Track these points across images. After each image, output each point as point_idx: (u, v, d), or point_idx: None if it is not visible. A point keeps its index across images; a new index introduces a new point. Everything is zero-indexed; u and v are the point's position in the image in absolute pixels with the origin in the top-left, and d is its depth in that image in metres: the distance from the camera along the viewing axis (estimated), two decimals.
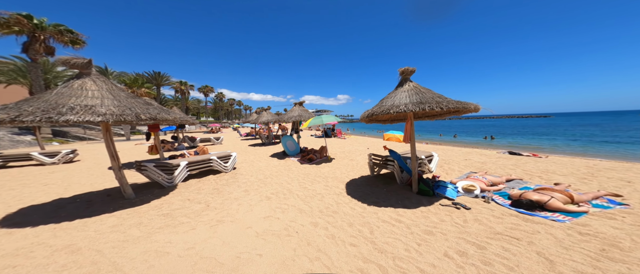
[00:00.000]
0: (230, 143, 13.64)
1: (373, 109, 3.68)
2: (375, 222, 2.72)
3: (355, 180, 4.77)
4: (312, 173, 5.50)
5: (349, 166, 6.07)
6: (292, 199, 3.65)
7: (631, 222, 2.33)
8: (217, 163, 5.45)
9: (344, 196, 3.74)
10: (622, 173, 4.33)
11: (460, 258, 1.94)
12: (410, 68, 3.62)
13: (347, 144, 11.74)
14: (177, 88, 35.66)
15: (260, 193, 4.01)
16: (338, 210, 3.13)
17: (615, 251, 1.82)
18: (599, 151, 11.76)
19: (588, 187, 3.59)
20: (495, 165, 5.62)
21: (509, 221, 2.51)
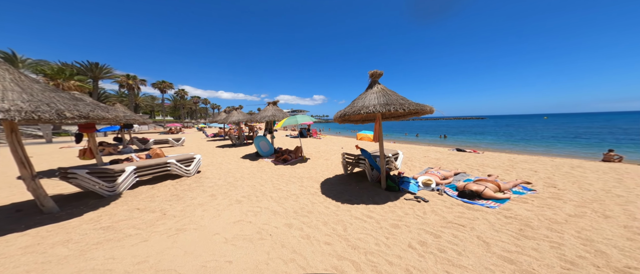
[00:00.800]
0: (194, 144, 12.36)
1: (345, 110, 3.82)
2: (349, 219, 2.81)
3: (330, 179, 4.86)
4: (287, 173, 5.42)
5: (324, 166, 6.16)
6: (265, 201, 3.53)
7: (538, 205, 2.97)
8: (176, 167, 4.89)
9: (319, 195, 3.77)
10: (531, 165, 5.46)
11: (421, 248, 2.16)
12: (378, 71, 3.84)
13: (322, 144, 11.87)
14: (122, 82, 30.23)
15: (229, 196, 3.76)
16: (313, 210, 3.15)
17: (529, 229, 2.31)
18: (516, 147, 14.56)
19: (510, 177, 4.42)
20: (447, 160, 6.46)
21: (457, 211, 2.91)
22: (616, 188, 3.51)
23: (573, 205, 2.91)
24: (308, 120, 7.47)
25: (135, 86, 31.77)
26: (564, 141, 16.97)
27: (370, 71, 3.91)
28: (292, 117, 7.34)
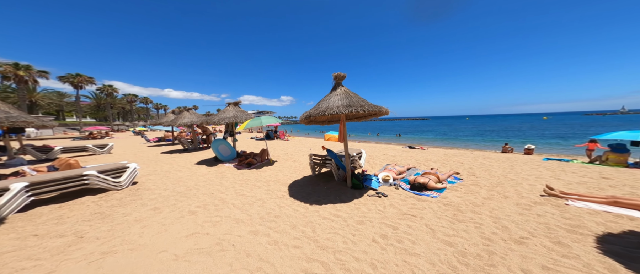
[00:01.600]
0: (128, 151, 10.20)
1: (311, 111, 3.83)
2: (317, 220, 2.82)
3: (298, 181, 4.81)
4: (252, 178, 5.10)
5: (292, 168, 6.05)
6: (226, 209, 3.23)
7: (464, 191, 3.65)
8: (98, 180, 3.98)
9: (286, 198, 3.69)
10: (459, 157, 6.69)
11: (383, 241, 2.33)
12: (342, 73, 3.97)
13: (290, 146, 11.63)
14: (6, 73, 21.93)
15: (179, 208, 3.31)
16: (280, 214, 3.05)
17: (460, 214, 2.82)
18: (449, 143, 17.59)
19: (445, 169, 5.29)
20: (402, 157, 7.28)
21: (409, 202, 3.30)
22: (510, 173, 4.64)
23: (486, 189, 3.70)
24: (274, 122, 7.18)
25: (30, 79, 23.50)
26: (478, 138, 21.50)
27: (334, 73, 4.03)
28: (257, 118, 6.91)
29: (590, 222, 2.37)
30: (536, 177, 4.29)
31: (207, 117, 9.78)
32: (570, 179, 4.13)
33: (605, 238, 2.04)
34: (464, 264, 1.80)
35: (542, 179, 4.15)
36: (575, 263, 1.67)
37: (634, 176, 4.15)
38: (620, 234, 2.09)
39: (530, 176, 4.36)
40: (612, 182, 3.86)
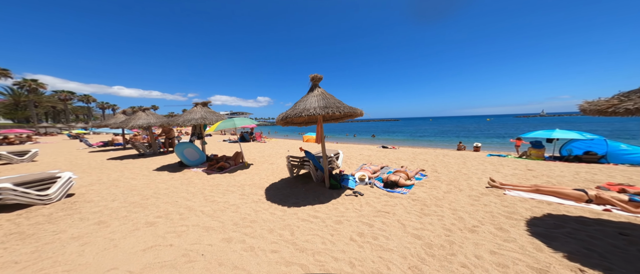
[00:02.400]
0: (62, 158, 8.57)
1: (287, 112, 3.78)
2: (296, 223, 2.78)
3: (276, 183, 4.66)
4: (224, 183, 4.76)
5: (269, 171, 5.84)
6: (193, 218, 2.96)
7: (429, 187, 4.03)
8: (15, 194, 3.27)
9: (263, 202, 3.54)
10: (424, 155, 7.38)
11: (360, 239, 2.40)
12: (319, 75, 3.99)
13: (267, 148, 11.23)
14: None
15: (132, 220, 2.92)
16: (257, 219, 2.92)
17: (426, 208, 3.10)
18: (416, 142, 19.27)
19: (413, 166, 5.78)
20: (376, 156, 7.67)
21: (383, 200, 3.49)
22: (463, 168, 5.31)
23: (446, 184, 4.15)
24: (250, 123, 6.81)
25: None
26: (439, 137, 24.07)
27: (311, 75, 4.03)
28: (229, 120, 6.46)
29: (521, 208, 2.86)
30: (482, 171, 5.01)
31: (170, 118, 8.72)
32: (506, 172, 4.93)
33: (532, 221, 2.49)
34: (430, 255, 1.98)
35: (486, 173, 4.86)
36: (513, 246, 2.01)
37: (549, 168, 5.17)
38: (541, 217, 2.58)
39: (478, 171, 5.06)
40: (534, 173, 4.75)
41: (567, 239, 2.04)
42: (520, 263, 1.74)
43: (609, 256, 1.75)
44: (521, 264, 1.71)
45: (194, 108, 6.96)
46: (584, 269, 1.60)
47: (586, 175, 4.45)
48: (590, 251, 1.82)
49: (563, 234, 2.14)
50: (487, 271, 1.69)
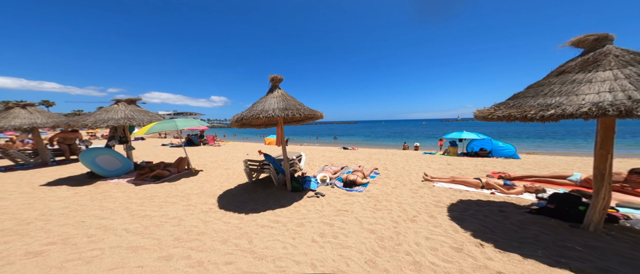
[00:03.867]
0: None
1: (243, 113, 3.53)
2: (255, 229, 2.61)
3: (232, 190, 4.26)
4: (162, 193, 4.05)
5: (223, 177, 5.28)
6: (112, 238, 2.42)
7: (381, 184, 4.51)
8: None
9: (215, 211, 3.18)
10: (377, 155, 8.23)
11: (321, 239, 2.43)
12: (278, 76, 3.88)
13: (221, 152, 10.10)
14: None
15: (2, 252, 2.17)
16: (206, 230, 2.59)
17: (378, 203, 3.44)
18: (372, 143, 21.30)
19: (369, 165, 6.35)
20: (337, 157, 8.03)
21: (343, 199, 3.66)
22: (406, 166, 6.18)
23: (393, 180, 4.74)
24: (198, 125, 5.95)
25: None
26: (390, 138, 27.42)
27: (271, 75, 3.88)
28: (169, 121, 5.48)
29: (444, 197, 3.56)
30: (419, 167, 5.99)
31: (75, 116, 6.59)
32: (435, 166, 6.06)
33: (451, 207, 3.12)
34: (382, 247, 2.20)
35: (422, 168, 5.83)
36: (440, 231, 2.46)
37: (460, 162, 6.66)
38: (456, 203, 3.28)
39: (416, 167, 6.02)
40: (452, 166, 6.02)
41: (472, 219, 2.66)
42: (445, 244, 2.15)
43: (495, 230, 2.39)
44: (446, 246, 2.12)
45: (113, 106, 5.57)
46: (483, 243, 2.11)
47: (481, 166, 5.95)
48: (485, 228, 2.43)
49: (469, 215, 2.77)
50: (423, 255, 2.00)
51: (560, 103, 1.88)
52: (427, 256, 1.98)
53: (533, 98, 2.13)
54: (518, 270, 1.70)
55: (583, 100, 1.79)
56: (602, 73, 1.91)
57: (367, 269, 1.90)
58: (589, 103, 1.74)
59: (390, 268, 1.88)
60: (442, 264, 1.86)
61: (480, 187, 3.92)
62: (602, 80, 1.86)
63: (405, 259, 1.97)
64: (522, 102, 2.16)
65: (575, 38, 2.20)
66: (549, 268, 1.69)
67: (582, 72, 2.03)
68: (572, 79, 2.03)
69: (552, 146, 13.89)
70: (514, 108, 2.11)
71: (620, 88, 1.73)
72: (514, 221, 2.55)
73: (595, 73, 1.94)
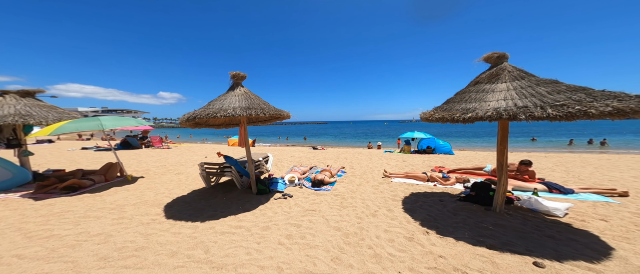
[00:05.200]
0: None
1: (197, 112, 3.14)
2: (213, 238, 2.37)
3: (184, 197, 3.76)
4: (81, 207, 3.30)
5: (173, 183, 4.61)
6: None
7: (347, 182, 4.72)
8: None
9: (160, 223, 2.76)
10: (344, 155, 8.62)
11: (288, 241, 2.37)
12: (241, 73, 3.61)
13: (172, 155, 8.78)
14: None
15: None
16: (148, 244, 2.23)
17: (345, 201, 3.57)
18: (340, 143, 22.15)
19: (336, 164, 6.57)
20: (306, 158, 8.00)
21: (311, 199, 3.66)
22: (370, 163, 6.70)
23: (358, 178, 5.04)
24: (134, 124, 4.98)
25: None
26: (356, 138, 29.15)
27: (233, 72, 3.57)
28: (89, 119, 4.42)
29: (399, 191, 3.99)
30: (381, 164, 6.57)
31: None
32: (393, 164, 6.76)
33: (405, 200, 3.53)
34: (347, 244, 2.28)
35: (383, 165, 6.41)
36: (396, 223, 2.73)
37: (413, 158, 7.64)
38: (409, 195, 3.72)
39: (378, 164, 6.58)
40: (407, 163, 6.84)
41: (420, 210, 3.06)
42: (400, 235, 2.39)
43: (437, 217, 2.81)
44: (401, 237, 2.36)
45: None
46: (428, 231, 2.46)
47: (428, 162, 6.97)
48: (430, 216, 2.84)
49: (418, 206, 3.19)
50: (383, 247, 2.18)
51: (475, 108, 2.32)
52: (385, 248, 2.16)
53: (458, 103, 2.58)
54: (453, 252, 2.03)
55: (489, 106, 2.26)
56: (500, 85, 2.45)
57: (334, 266, 1.94)
58: (492, 109, 2.20)
59: (354, 263, 1.96)
60: (398, 254, 2.06)
61: (426, 180, 4.57)
62: (500, 91, 2.39)
63: (367, 253, 2.10)
64: (451, 106, 2.59)
65: (485, 55, 2.75)
66: (473, 247, 2.09)
67: (489, 83, 2.56)
68: (483, 89, 2.54)
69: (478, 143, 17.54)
70: (446, 112, 2.52)
71: (510, 97, 2.25)
72: (449, 208, 3.06)
73: (497, 85, 2.47)
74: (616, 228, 2.36)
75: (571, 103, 1.89)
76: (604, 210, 2.87)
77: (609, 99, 1.82)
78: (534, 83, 2.32)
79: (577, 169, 5.45)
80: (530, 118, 1.96)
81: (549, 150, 11.52)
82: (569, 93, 2.04)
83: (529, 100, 2.14)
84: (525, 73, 2.51)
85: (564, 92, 2.08)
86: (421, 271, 1.81)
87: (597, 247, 2.00)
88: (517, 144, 16.12)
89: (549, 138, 19.80)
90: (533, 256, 1.89)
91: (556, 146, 14.60)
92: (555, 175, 4.94)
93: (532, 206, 2.89)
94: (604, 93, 1.94)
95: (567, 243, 2.08)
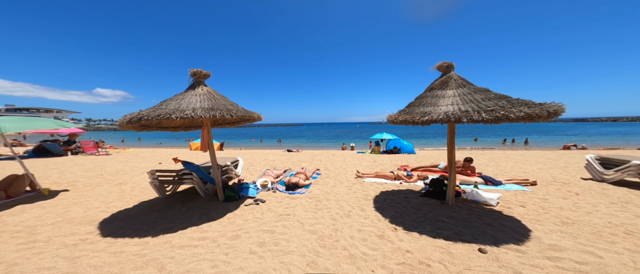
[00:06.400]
0: None
1: (144, 112, 2.71)
2: (168, 253, 2.08)
3: (129, 210, 3.20)
4: None
5: (113, 195, 3.92)
6: None
7: (322, 184, 4.72)
8: None
9: (93, 242, 2.31)
10: (319, 156, 8.67)
11: (260, 249, 2.21)
12: (204, 71, 3.30)
13: (112, 162, 7.47)
14: None
15: None
16: (75, 270, 1.85)
17: (319, 203, 3.57)
18: (315, 145, 22.24)
19: (311, 167, 6.54)
20: (281, 160, 7.72)
21: (285, 203, 3.52)
22: (343, 164, 6.90)
23: (333, 179, 5.11)
24: (52, 127, 4.03)
25: None
26: (331, 140, 29.78)
27: (193, 69, 3.21)
28: None
29: (371, 190, 4.21)
30: (354, 165, 6.83)
31: None
32: (365, 164, 7.12)
33: (376, 198, 3.73)
34: (322, 246, 2.25)
35: (356, 166, 6.68)
36: (368, 222, 2.84)
37: (382, 158, 8.20)
38: (379, 194, 3.96)
39: (351, 165, 6.83)
40: (377, 163, 7.30)
41: (389, 208, 3.28)
42: (372, 234, 2.50)
43: (403, 213, 3.05)
44: (373, 235, 2.46)
45: None
46: (396, 227, 2.63)
47: (395, 161, 7.60)
48: (397, 213, 3.06)
49: (387, 204, 3.41)
50: (357, 247, 2.23)
51: (430, 112, 2.62)
52: (359, 248, 2.21)
53: (418, 107, 2.87)
54: (417, 246, 2.21)
55: (441, 110, 2.58)
56: (449, 91, 2.82)
57: (309, 271, 1.88)
58: (442, 112, 2.52)
59: (330, 266, 1.94)
60: (371, 252, 2.13)
61: (393, 179, 4.95)
62: (449, 96, 2.75)
63: (342, 254, 2.11)
64: (412, 110, 2.86)
65: (437, 64, 3.13)
66: (433, 239, 2.32)
67: (441, 89, 2.92)
68: (436, 94, 2.89)
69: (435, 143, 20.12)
70: (408, 115, 2.78)
71: (456, 103, 2.61)
72: (413, 204, 3.37)
73: (446, 91, 2.84)
74: (531, 212, 2.99)
75: (498, 108, 2.30)
76: (522, 197, 3.62)
77: (522, 106, 2.27)
78: (472, 90, 2.74)
79: (503, 163, 6.77)
80: (471, 121, 2.31)
81: (485, 148, 14.11)
82: (496, 100, 2.47)
83: (469, 105, 2.51)
84: (466, 81, 2.94)
85: (493, 99, 2.51)
86: (392, 268, 1.90)
87: (520, 230, 2.48)
88: (464, 143, 19.21)
89: (488, 138, 24.26)
90: (477, 243, 2.22)
91: (493, 145, 17.94)
92: (489, 169, 6.02)
93: (474, 198, 3.42)
94: (519, 101, 2.41)
95: (500, 228, 2.52)
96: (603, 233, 2.35)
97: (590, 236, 2.31)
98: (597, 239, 2.23)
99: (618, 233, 2.34)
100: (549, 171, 5.57)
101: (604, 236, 2.30)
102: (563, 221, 2.69)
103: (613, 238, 2.26)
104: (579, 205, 3.22)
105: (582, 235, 2.32)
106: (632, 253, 1.99)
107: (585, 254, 1.99)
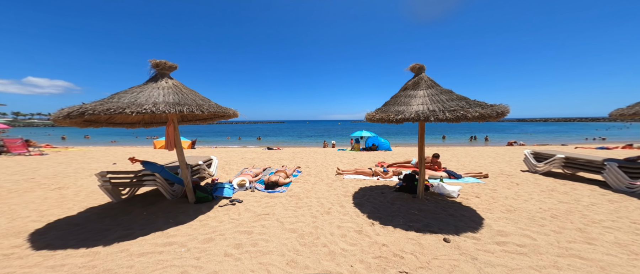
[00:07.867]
0: None
1: (88, 106, 2.33)
2: (126, 262, 1.87)
3: (71, 218, 2.79)
4: None
5: (49, 201, 3.37)
6: None
7: (303, 181, 4.69)
8: None
9: (23, 257, 2.01)
10: (300, 154, 8.59)
11: (237, 251, 2.10)
12: (169, 63, 2.99)
13: (47, 163, 6.39)
14: None
15: None
16: None
17: (300, 201, 3.54)
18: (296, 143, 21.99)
19: (292, 164, 6.45)
20: (260, 158, 7.41)
21: (264, 202, 3.40)
22: (324, 162, 6.98)
23: (313, 177, 5.12)
24: None
25: None
26: (313, 138, 29.78)
27: (155, 60, 2.87)
28: None
29: (350, 187, 4.33)
30: (334, 162, 6.94)
31: None
32: (346, 161, 7.30)
33: (355, 195, 3.86)
34: (303, 245, 2.24)
35: (336, 163, 6.80)
36: (348, 218, 2.89)
37: (362, 155, 8.50)
38: (358, 190, 4.10)
39: (332, 162, 6.93)
40: (357, 160, 7.55)
41: (367, 203, 3.42)
42: (351, 229, 2.57)
43: (380, 208, 3.22)
44: (351, 231, 2.54)
45: None
46: (373, 222, 2.76)
47: (373, 158, 7.96)
48: (374, 208, 3.22)
49: (365, 200, 3.56)
50: (336, 244, 2.27)
51: (404, 111, 2.79)
52: (339, 244, 2.26)
53: (393, 105, 3.03)
54: (392, 239, 2.36)
55: (412, 109, 2.77)
56: (420, 92, 3.04)
57: (289, 270, 1.86)
58: (414, 111, 2.71)
59: (310, 263, 1.94)
60: (350, 248, 2.20)
61: (371, 175, 5.19)
62: (419, 97, 2.97)
63: (322, 251, 2.13)
64: (388, 108, 3.01)
65: (410, 65, 3.34)
66: (406, 232, 2.49)
67: (413, 90, 3.14)
68: (409, 94, 3.09)
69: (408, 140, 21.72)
70: (384, 113, 2.93)
71: (425, 103, 2.84)
72: (389, 199, 3.58)
73: (418, 91, 3.06)
74: (484, 202, 3.45)
75: (458, 108, 2.57)
76: (477, 189, 4.15)
77: (477, 107, 2.56)
78: (439, 91, 3.00)
79: (463, 159, 7.67)
80: (437, 119, 2.54)
81: (449, 145, 15.79)
82: (457, 101, 2.74)
83: (436, 105, 2.74)
84: (434, 83, 3.20)
85: (455, 100, 2.78)
86: (369, 262, 1.99)
87: (475, 219, 2.84)
88: (433, 141, 21.20)
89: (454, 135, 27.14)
90: (443, 233, 2.46)
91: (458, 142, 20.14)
92: (452, 164, 6.75)
93: (439, 191, 3.80)
94: (475, 102, 2.71)
95: (460, 218, 2.85)
96: (536, 218, 2.84)
97: (527, 221, 2.76)
98: (532, 224, 2.68)
99: (546, 217, 2.85)
100: (498, 165, 6.50)
101: (536, 220, 2.78)
102: (508, 208, 3.17)
103: (543, 221, 2.75)
104: (519, 193, 3.83)
105: (521, 221, 2.77)
106: (557, 234, 2.44)
107: (523, 237, 2.37)
